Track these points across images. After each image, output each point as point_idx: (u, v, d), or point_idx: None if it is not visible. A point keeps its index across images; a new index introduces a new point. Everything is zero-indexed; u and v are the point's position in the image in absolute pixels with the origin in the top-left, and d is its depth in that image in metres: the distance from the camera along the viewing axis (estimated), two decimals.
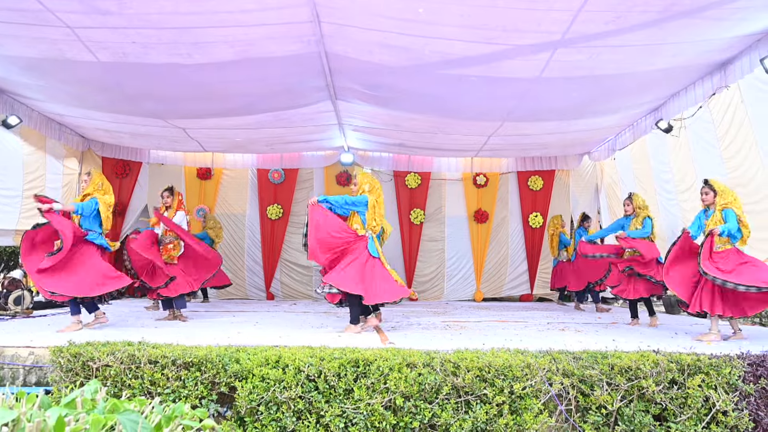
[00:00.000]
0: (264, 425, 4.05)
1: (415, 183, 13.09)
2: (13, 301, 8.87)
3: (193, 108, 8.88)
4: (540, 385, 4.25)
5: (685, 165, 8.31)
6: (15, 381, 4.77)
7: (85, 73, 7.23)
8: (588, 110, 8.72)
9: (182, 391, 4.22)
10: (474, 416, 4.05)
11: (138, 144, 11.70)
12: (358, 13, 5.84)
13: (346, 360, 4.24)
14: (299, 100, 8.65)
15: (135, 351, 4.38)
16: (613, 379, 4.29)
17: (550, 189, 13.13)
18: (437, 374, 4.19)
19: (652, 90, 7.89)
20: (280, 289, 12.98)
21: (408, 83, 7.73)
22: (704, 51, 6.49)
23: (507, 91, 7.79)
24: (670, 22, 5.59)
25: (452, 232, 13.24)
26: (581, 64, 6.71)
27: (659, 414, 4.31)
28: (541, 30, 5.85)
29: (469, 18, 5.67)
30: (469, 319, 8.51)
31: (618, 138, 10.36)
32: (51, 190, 9.80)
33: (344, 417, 4.05)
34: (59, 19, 5.77)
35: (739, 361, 4.47)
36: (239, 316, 8.37)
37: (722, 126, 7.33)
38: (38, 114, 9.29)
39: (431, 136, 10.40)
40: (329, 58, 7.02)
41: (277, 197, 13.00)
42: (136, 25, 5.95)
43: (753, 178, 6.85)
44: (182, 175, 12.86)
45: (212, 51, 6.58)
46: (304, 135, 10.89)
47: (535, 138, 10.55)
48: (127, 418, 1.74)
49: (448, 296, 13.09)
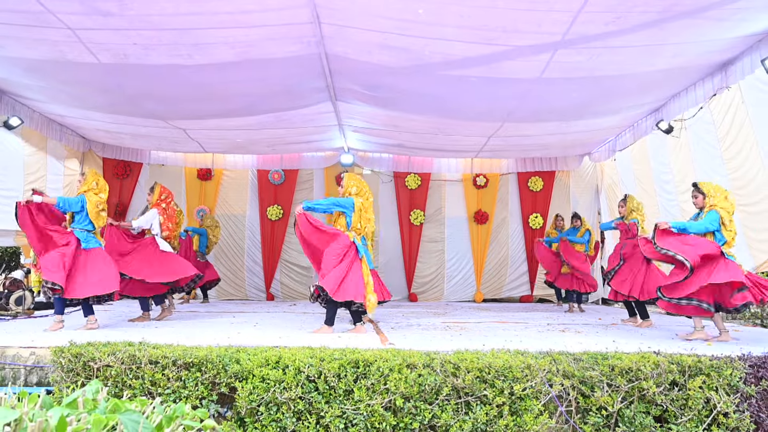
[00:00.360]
0: (264, 426, 4.05)
1: (415, 184, 13.10)
2: (15, 301, 8.88)
3: (194, 109, 8.89)
4: (540, 386, 4.25)
5: (686, 166, 8.32)
6: (16, 381, 4.77)
7: (86, 74, 7.24)
8: (588, 111, 8.73)
9: (183, 391, 4.22)
10: (474, 417, 4.05)
11: (139, 145, 11.72)
12: (358, 14, 5.85)
13: (346, 361, 4.24)
14: (299, 101, 8.66)
15: (136, 351, 4.38)
16: (614, 381, 4.28)
17: (550, 190, 13.12)
18: (437, 375, 4.19)
19: (652, 91, 7.90)
20: (280, 290, 12.99)
21: (408, 84, 7.74)
22: (705, 52, 6.49)
23: (507, 91, 7.80)
24: (670, 22, 5.59)
25: (452, 233, 13.24)
26: (581, 65, 6.71)
27: (660, 415, 4.31)
28: (541, 31, 5.86)
29: (469, 19, 5.67)
30: (469, 320, 8.51)
31: (618, 139, 10.37)
32: (52, 190, 9.78)
33: (344, 418, 4.05)
34: (60, 21, 5.78)
35: (740, 362, 4.46)
36: (239, 317, 8.37)
37: (723, 127, 7.33)
38: (39, 115, 9.30)
39: (431, 137, 10.41)
40: (329, 59, 7.03)
41: (278, 198, 13.00)
42: (137, 27, 5.96)
43: (753, 178, 6.86)
44: (183, 176, 12.88)
45: (213, 52, 6.59)
46: (304, 136, 10.90)
47: (535, 139, 10.55)
48: (129, 418, 1.74)
49: (448, 297, 13.10)
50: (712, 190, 6.42)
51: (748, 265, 7.25)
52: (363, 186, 6.89)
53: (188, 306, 10.59)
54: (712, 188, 6.45)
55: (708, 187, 6.48)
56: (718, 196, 6.35)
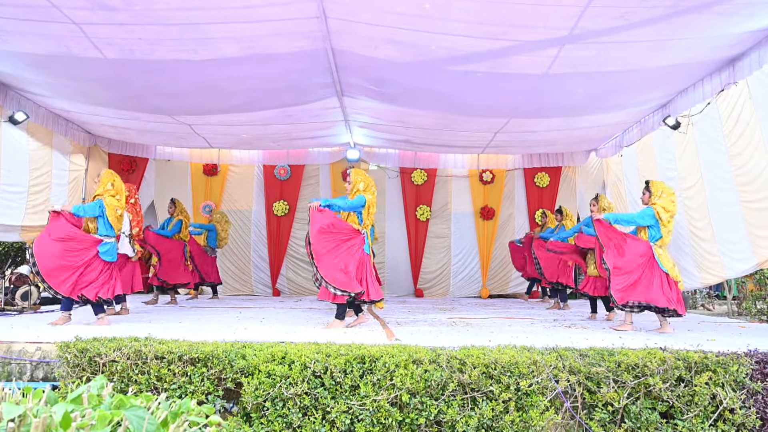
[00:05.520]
0: (270, 421, 4.05)
1: (421, 179, 13.09)
2: (21, 296, 8.92)
3: (200, 104, 8.89)
4: (546, 382, 4.24)
5: (691, 162, 8.28)
6: (22, 376, 4.79)
7: (92, 69, 7.24)
8: (595, 107, 8.69)
9: (188, 386, 4.23)
10: (480, 413, 4.04)
11: (144, 140, 11.72)
12: (364, 9, 5.83)
13: (352, 356, 4.24)
14: (306, 96, 8.64)
15: (141, 347, 4.39)
16: (620, 377, 4.27)
17: (556, 185, 13.10)
18: (443, 371, 4.18)
19: (659, 86, 7.86)
20: (286, 285, 13.00)
21: (414, 79, 7.72)
22: (713, 47, 6.45)
23: (514, 87, 7.77)
24: (678, 17, 5.56)
25: (458, 229, 13.24)
26: (589, 60, 6.68)
27: (666, 411, 4.30)
28: (548, 26, 5.83)
29: (476, 13, 5.65)
30: (475, 315, 8.50)
31: (625, 134, 10.32)
32: (57, 186, 9.83)
33: (350, 413, 4.05)
34: (65, 16, 5.78)
35: (746, 358, 4.45)
36: (245, 312, 8.37)
37: (729, 122, 7.28)
38: (45, 110, 9.31)
39: (438, 132, 10.39)
40: (335, 55, 7.01)
41: (284, 193, 13.00)
42: (142, 22, 5.96)
43: (759, 175, 6.81)
44: (188, 172, 12.90)
45: (218, 47, 6.58)
46: (310, 131, 10.90)
47: (541, 134, 10.51)
48: (134, 414, 1.74)
49: (453, 293, 13.10)
50: (659, 190, 6.80)
51: (750, 262, 7.23)
52: (369, 182, 6.88)
53: (194, 302, 10.61)
54: (660, 188, 6.83)
55: (657, 186, 6.87)
56: (663, 196, 6.73)
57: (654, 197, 6.76)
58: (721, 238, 7.72)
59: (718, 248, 7.80)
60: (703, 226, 8.08)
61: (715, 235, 7.83)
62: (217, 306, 9.61)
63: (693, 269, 8.40)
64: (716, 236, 7.81)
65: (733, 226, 7.39)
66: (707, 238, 8.02)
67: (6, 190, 8.60)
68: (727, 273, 7.87)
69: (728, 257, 7.65)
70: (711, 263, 8.03)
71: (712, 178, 7.78)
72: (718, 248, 7.81)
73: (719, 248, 7.78)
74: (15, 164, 8.82)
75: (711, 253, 7.98)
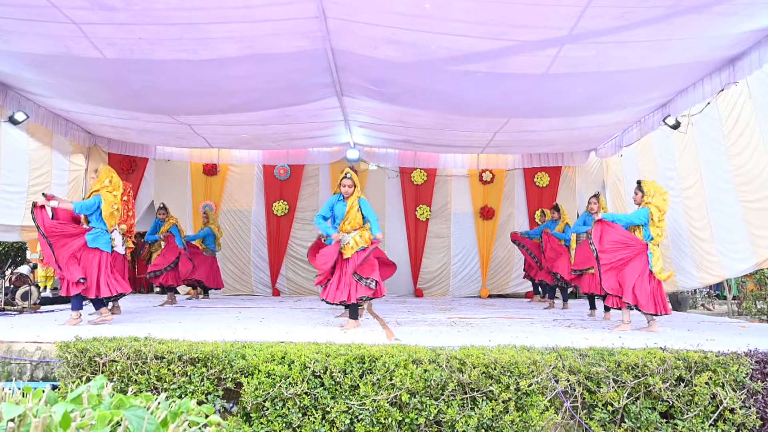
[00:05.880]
0: (270, 421, 4.05)
1: (421, 179, 13.08)
2: (21, 296, 8.91)
3: (199, 104, 8.89)
4: (546, 381, 4.24)
5: (691, 162, 8.28)
6: (22, 376, 4.79)
7: (92, 69, 7.24)
8: (595, 106, 8.69)
9: (188, 386, 4.23)
10: (480, 413, 4.04)
11: (144, 140, 11.72)
12: (364, 9, 5.83)
13: (351, 356, 4.24)
14: (305, 96, 8.64)
15: (141, 346, 4.39)
16: (620, 376, 4.27)
17: (556, 185, 13.09)
18: (443, 371, 4.18)
19: (659, 86, 7.86)
20: (285, 285, 12.99)
21: (414, 79, 7.72)
22: (713, 47, 6.45)
23: (514, 87, 7.77)
24: (678, 17, 5.56)
25: (458, 229, 13.24)
26: (588, 60, 6.68)
27: (666, 411, 4.30)
28: (548, 26, 5.83)
29: (476, 13, 5.65)
30: (474, 315, 8.49)
31: (625, 134, 10.32)
32: (57, 186, 9.81)
33: (350, 413, 4.05)
34: (65, 16, 5.78)
35: (746, 358, 4.45)
36: (245, 312, 8.37)
37: (728, 122, 7.28)
38: (45, 110, 9.31)
39: (438, 132, 10.39)
40: (335, 54, 7.01)
41: (283, 193, 13.00)
42: (142, 22, 5.96)
43: (759, 175, 6.81)
44: (188, 171, 12.88)
45: (218, 47, 6.58)
46: (310, 131, 10.90)
47: (541, 134, 10.51)
48: (133, 414, 1.74)
49: (453, 293, 13.09)
50: (652, 189, 6.86)
51: (749, 261, 7.24)
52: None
53: (192, 302, 10.61)
54: (652, 187, 6.89)
55: (649, 186, 6.92)
56: (656, 195, 6.80)
57: (647, 196, 6.81)
58: (720, 238, 7.73)
59: (718, 248, 7.80)
60: (703, 225, 8.09)
61: (714, 235, 7.84)
62: (217, 306, 9.60)
63: (692, 269, 8.40)
64: (715, 236, 7.82)
65: (733, 226, 7.39)
66: (706, 238, 8.02)
67: (6, 190, 8.60)
68: (726, 273, 7.88)
69: (727, 257, 7.66)
70: (710, 263, 8.04)
71: (711, 178, 7.78)
72: (717, 248, 7.82)
73: (718, 248, 7.79)
74: (15, 164, 8.82)
75: (710, 252, 7.99)
